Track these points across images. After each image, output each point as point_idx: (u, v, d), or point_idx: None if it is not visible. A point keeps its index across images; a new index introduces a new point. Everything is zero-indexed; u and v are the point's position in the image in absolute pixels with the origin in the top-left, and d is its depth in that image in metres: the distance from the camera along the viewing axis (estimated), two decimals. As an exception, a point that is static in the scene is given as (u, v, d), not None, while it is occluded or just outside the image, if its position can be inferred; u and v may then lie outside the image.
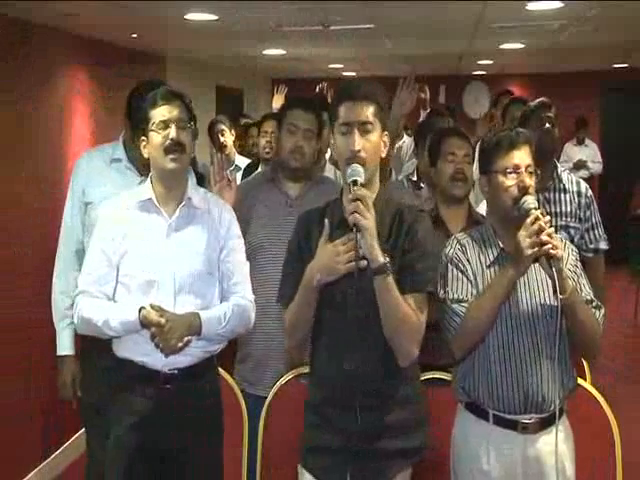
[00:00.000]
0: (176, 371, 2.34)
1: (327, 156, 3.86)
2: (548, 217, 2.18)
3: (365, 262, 2.00)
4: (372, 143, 2.10)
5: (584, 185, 3.27)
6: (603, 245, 3.28)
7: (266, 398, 2.66)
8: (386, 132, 2.16)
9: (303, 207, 2.56)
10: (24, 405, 4.03)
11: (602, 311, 2.29)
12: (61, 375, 2.87)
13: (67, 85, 4.73)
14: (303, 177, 2.93)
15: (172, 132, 2.32)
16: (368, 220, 1.97)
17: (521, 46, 6.46)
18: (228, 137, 5.25)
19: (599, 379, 2.99)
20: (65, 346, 2.85)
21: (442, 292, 2.30)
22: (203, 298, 2.38)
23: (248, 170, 4.64)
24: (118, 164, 2.86)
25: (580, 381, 2.44)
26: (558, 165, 3.30)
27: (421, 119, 5.20)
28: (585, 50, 6.73)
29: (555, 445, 2.20)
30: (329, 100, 4.20)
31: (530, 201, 2.19)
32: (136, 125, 2.48)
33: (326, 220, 2.09)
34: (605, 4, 4.23)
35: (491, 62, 8.17)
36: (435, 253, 2.18)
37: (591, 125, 9.15)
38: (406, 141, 5.93)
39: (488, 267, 2.29)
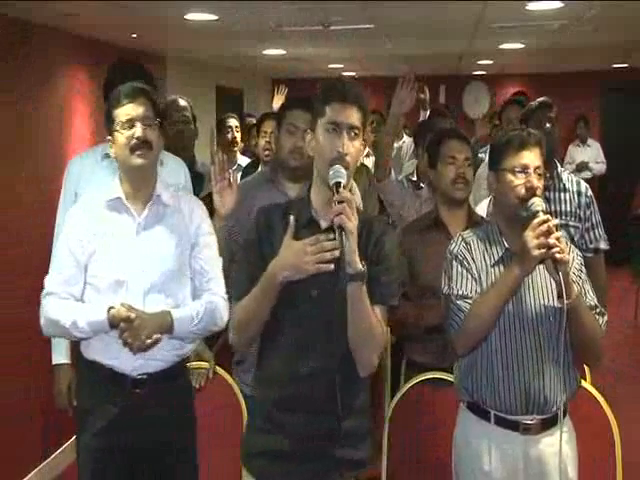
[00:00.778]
0: (146, 376, 2.30)
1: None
2: (557, 220, 2.17)
3: (332, 266, 1.93)
4: (356, 149, 2.05)
5: (584, 185, 3.27)
6: (603, 245, 3.27)
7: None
8: (363, 142, 2.12)
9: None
10: (24, 405, 4.03)
11: (605, 318, 2.28)
12: (57, 383, 2.76)
13: (67, 85, 4.73)
14: (302, 177, 2.91)
15: (138, 131, 2.26)
16: (353, 223, 1.92)
17: (521, 46, 6.45)
18: (238, 134, 5.23)
19: (599, 379, 2.98)
20: (60, 354, 2.76)
21: (446, 288, 2.29)
22: (174, 297, 2.33)
23: (247, 170, 4.63)
24: (111, 159, 2.79)
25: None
26: (558, 165, 3.30)
27: (421, 119, 5.21)
28: (585, 50, 6.72)
29: (559, 447, 2.19)
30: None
31: (538, 203, 2.17)
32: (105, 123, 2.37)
33: (292, 217, 2.03)
34: (605, 4, 4.23)
35: (491, 62, 8.17)
36: (399, 267, 2.14)
37: (591, 125, 9.13)
38: (406, 141, 5.94)
39: (493, 266, 2.28)
